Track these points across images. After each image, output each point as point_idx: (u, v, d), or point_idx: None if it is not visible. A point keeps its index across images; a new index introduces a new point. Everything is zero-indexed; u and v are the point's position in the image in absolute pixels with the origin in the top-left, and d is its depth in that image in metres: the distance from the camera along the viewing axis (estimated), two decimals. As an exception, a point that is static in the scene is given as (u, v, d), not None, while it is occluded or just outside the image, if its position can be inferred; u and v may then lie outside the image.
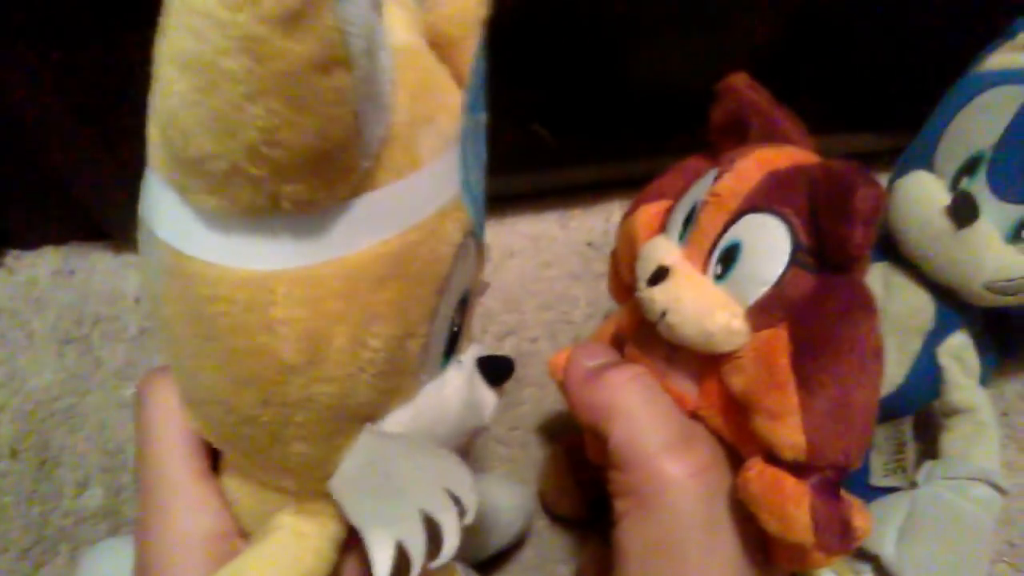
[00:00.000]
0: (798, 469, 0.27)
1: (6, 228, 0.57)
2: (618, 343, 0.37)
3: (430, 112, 0.21)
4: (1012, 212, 0.38)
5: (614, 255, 0.39)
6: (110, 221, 0.56)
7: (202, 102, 0.16)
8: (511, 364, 0.28)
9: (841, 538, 0.26)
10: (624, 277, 0.37)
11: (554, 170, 0.58)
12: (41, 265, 0.58)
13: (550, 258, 0.60)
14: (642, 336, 0.34)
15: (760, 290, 0.29)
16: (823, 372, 0.27)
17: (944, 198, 0.39)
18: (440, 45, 0.23)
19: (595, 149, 0.58)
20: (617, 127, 0.56)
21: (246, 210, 0.19)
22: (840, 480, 0.27)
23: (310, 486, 0.24)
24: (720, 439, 0.32)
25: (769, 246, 0.29)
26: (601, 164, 0.60)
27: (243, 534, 0.26)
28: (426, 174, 0.21)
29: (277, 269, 0.19)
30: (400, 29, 0.21)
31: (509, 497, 0.44)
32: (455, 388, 0.26)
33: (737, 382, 0.29)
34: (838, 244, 0.27)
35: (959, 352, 0.42)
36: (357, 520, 0.23)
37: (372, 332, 0.21)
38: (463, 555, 0.40)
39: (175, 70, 0.16)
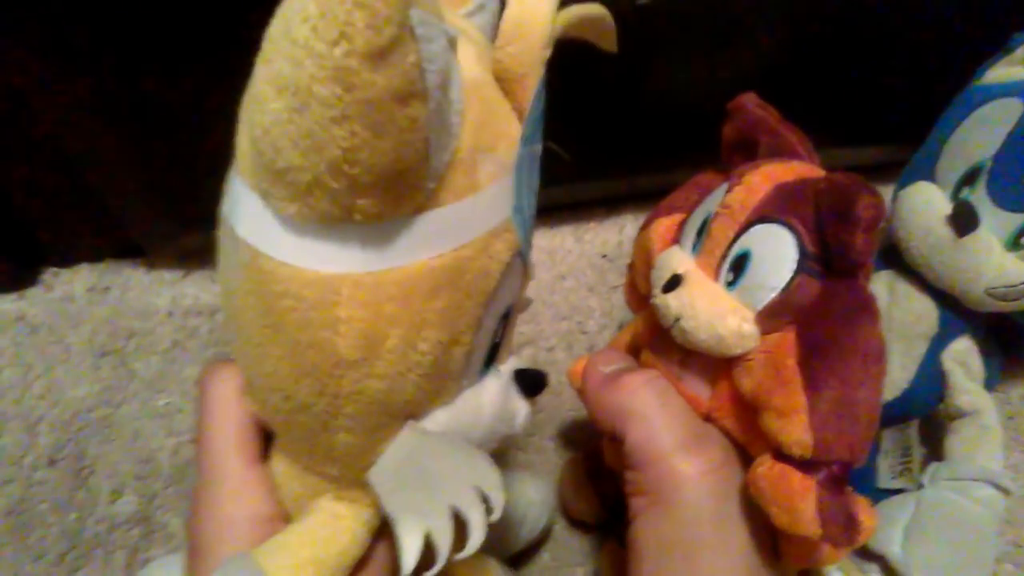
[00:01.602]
0: (805, 465, 0.28)
1: (44, 246, 0.59)
2: (634, 351, 0.38)
3: (491, 141, 0.23)
4: (1011, 220, 0.39)
5: (631, 266, 0.40)
6: (144, 239, 0.58)
7: (294, 121, 0.18)
8: (545, 378, 0.30)
9: (846, 530, 0.27)
10: (640, 287, 0.38)
11: (569, 185, 0.60)
12: (77, 282, 0.60)
13: (565, 270, 0.61)
14: (657, 342, 0.36)
15: (769, 296, 0.30)
16: (828, 373, 0.28)
17: (946, 207, 0.40)
18: (505, 80, 0.24)
19: (609, 165, 0.59)
20: (630, 144, 0.57)
21: (322, 218, 0.20)
22: (845, 475, 0.28)
23: (351, 474, 0.26)
24: (731, 440, 0.33)
25: (777, 254, 0.30)
26: (614, 180, 0.61)
27: (287, 518, 0.28)
28: (483, 197, 0.23)
29: (344, 272, 0.21)
30: (470, 63, 0.23)
31: (535, 491, 0.45)
32: (491, 395, 0.28)
33: (747, 383, 0.30)
34: (842, 250, 0.28)
35: (963, 357, 0.43)
36: (390, 509, 0.25)
37: (422, 336, 0.23)
38: (498, 549, 0.42)
39: (272, 91, 0.18)
